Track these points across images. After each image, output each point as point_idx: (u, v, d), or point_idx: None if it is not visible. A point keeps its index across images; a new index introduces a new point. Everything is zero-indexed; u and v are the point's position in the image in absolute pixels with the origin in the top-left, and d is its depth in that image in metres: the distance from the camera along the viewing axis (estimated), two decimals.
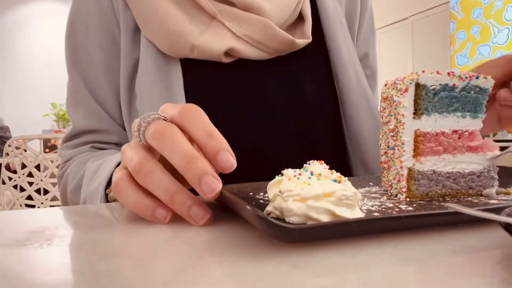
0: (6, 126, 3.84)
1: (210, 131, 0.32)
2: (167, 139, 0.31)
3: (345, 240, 0.25)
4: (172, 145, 0.31)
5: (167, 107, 0.35)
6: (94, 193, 0.46)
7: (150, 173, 0.32)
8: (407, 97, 0.36)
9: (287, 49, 0.57)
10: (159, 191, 0.32)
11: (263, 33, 0.54)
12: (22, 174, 1.99)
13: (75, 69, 0.61)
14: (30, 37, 5.40)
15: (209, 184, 0.29)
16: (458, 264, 0.21)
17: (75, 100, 0.62)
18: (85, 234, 0.29)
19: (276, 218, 0.28)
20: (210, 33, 0.54)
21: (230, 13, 0.55)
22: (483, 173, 0.38)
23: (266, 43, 0.55)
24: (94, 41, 0.59)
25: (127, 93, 0.58)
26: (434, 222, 0.27)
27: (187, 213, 0.31)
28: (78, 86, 0.61)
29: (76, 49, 0.61)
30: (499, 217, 0.21)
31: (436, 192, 0.37)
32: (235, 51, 0.54)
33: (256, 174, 0.55)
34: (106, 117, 0.61)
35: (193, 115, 0.33)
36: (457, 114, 0.38)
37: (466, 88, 0.37)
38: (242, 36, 0.54)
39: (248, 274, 0.21)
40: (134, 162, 0.33)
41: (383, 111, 0.40)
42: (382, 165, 0.40)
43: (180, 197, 0.31)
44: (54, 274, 0.22)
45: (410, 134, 0.36)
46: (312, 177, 0.28)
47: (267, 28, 0.54)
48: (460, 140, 0.38)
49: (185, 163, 0.30)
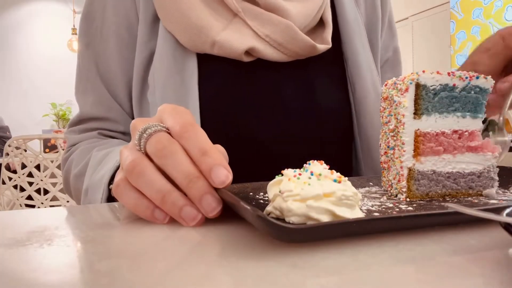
0: (6, 126, 3.84)
1: (204, 150, 0.32)
2: (169, 158, 0.32)
3: (345, 240, 0.25)
4: (174, 164, 0.32)
5: (167, 114, 0.35)
6: (97, 184, 0.47)
7: (142, 175, 0.32)
8: (407, 97, 0.36)
9: (307, 53, 0.56)
10: (151, 192, 0.32)
11: (285, 35, 0.54)
12: (22, 174, 1.99)
13: (88, 52, 0.61)
14: (30, 37, 5.40)
15: (209, 203, 0.31)
16: (458, 264, 0.21)
17: (85, 85, 0.62)
18: (85, 234, 0.30)
19: (276, 218, 0.28)
20: (232, 30, 0.54)
21: (253, 11, 0.54)
22: (483, 173, 0.38)
23: (287, 46, 0.54)
24: (110, 27, 0.59)
25: (140, 83, 0.57)
26: (434, 222, 0.27)
27: (178, 214, 0.31)
28: (89, 72, 0.61)
29: (91, 33, 0.60)
30: (499, 217, 0.21)
31: (436, 192, 0.37)
32: (256, 51, 0.54)
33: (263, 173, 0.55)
34: (115, 106, 0.60)
35: (191, 136, 0.33)
36: (457, 114, 0.37)
37: (466, 88, 0.37)
38: (263, 37, 0.54)
39: (248, 274, 0.21)
40: (127, 163, 0.33)
41: (383, 111, 0.40)
42: (382, 165, 0.40)
43: (171, 198, 0.31)
44: (54, 274, 0.22)
45: (410, 134, 0.36)
46: (312, 177, 0.28)
47: (289, 31, 0.53)
48: (460, 140, 0.38)
49: (186, 182, 0.31)
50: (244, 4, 0.54)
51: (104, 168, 0.47)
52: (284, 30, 0.54)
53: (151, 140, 0.33)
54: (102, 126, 0.62)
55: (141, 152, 0.34)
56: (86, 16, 0.61)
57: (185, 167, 0.31)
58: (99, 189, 0.46)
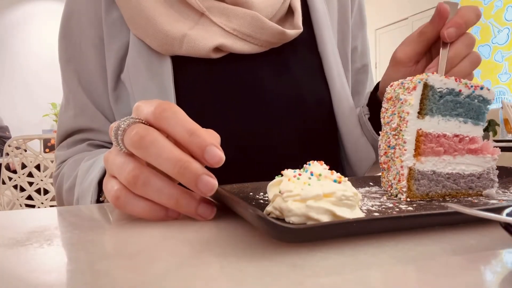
0: (6, 126, 3.84)
1: (191, 130, 0.30)
2: (149, 147, 0.30)
3: (345, 240, 0.25)
4: (157, 152, 0.30)
5: (141, 105, 0.33)
6: (85, 192, 0.47)
7: (147, 184, 0.31)
8: (414, 95, 0.37)
9: (279, 40, 0.56)
10: (163, 199, 0.32)
11: (252, 26, 0.54)
12: (22, 174, 1.99)
13: (69, 67, 0.61)
14: (30, 37, 5.40)
15: (206, 184, 0.30)
16: (458, 264, 0.21)
17: (67, 100, 0.62)
18: (85, 234, 0.29)
19: (276, 218, 0.28)
20: (198, 30, 0.54)
21: (218, 8, 0.55)
22: (482, 175, 0.38)
23: (257, 36, 0.55)
24: (88, 39, 0.59)
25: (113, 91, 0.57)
26: (434, 222, 0.27)
27: (195, 213, 0.32)
28: (72, 84, 0.60)
29: (70, 48, 0.60)
30: (499, 217, 0.21)
31: (436, 192, 0.37)
32: (225, 46, 0.54)
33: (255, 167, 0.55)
34: (98, 115, 0.60)
35: (170, 115, 0.31)
36: (459, 119, 0.38)
37: (471, 96, 0.38)
38: (231, 31, 0.54)
39: (248, 274, 0.21)
40: (125, 175, 0.31)
41: (385, 112, 0.40)
42: (382, 166, 0.40)
43: (185, 200, 0.31)
44: (54, 274, 0.22)
45: (413, 133, 0.37)
46: (312, 177, 0.28)
47: (256, 21, 0.54)
48: (460, 143, 0.38)
49: (177, 169, 0.30)
50: (209, 2, 0.55)
51: (92, 175, 0.47)
52: (251, 22, 0.54)
53: (126, 135, 0.31)
54: (88, 137, 0.61)
55: (128, 154, 0.32)
56: (63, 35, 0.61)
57: (170, 153, 0.30)
58: (87, 196, 0.45)
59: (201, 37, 0.53)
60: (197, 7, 0.54)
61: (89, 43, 0.59)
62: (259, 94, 0.57)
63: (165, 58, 0.55)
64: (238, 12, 0.54)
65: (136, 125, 0.32)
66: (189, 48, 0.53)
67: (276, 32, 0.55)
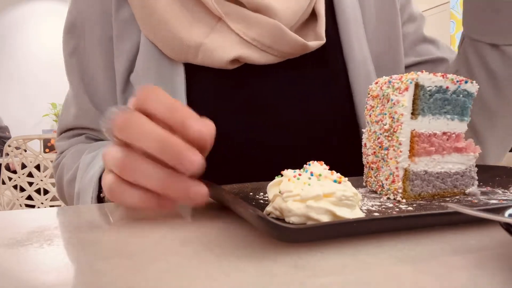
0: (6, 126, 3.84)
1: (171, 105, 0.30)
2: (132, 128, 0.30)
3: (345, 240, 0.25)
4: (140, 132, 0.30)
5: None
6: (86, 186, 0.47)
7: (136, 168, 0.31)
8: (406, 96, 0.36)
9: (299, 52, 0.53)
10: (151, 183, 0.31)
11: (273, 36, 0.50)
12: (22, 174, 1.99)
13: (72, 62, 0.60)
14: (29, 37, 5.40)
15: (189, 160, 0.29)
16: (458, 264, 0.21)
17: (71, 96, 0.62)
18: (85, 234, 0.29)
19: (276, 218, 0.28)
20: (215, 38, 0.51)
21: (237, 14, 0.51)
22: (465, 172, 0.39)
23: (276, 47, 0.51)
24: (93, 36, 0.57)
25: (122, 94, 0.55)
26: (434, 222, 0.27)
27: (186, 196, 0.30)
28: (74, 80, 0.60)
29: (75, 44, 0.59)
30: (499, 217, 0.21)
31: (427, 193, 0.37)
32: (243, 58, 0.51)
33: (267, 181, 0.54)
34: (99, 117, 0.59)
35: (151, 96, 0.32)
36: (447, 116, 0.38)
37: (457, 92, 0.38)
38: (250, 41, 0.51)
39: (248, 274, 0.21)
40: (116, 162, 0.32)
41: (371, 110, 0.40)
42: (370, 165, 0.40)
43: (174, 181, 0.30)
44: (54, 274, 0.22)
45: (407, 134, 0.36)
46: (312, 177, 0.28)
47: (277, 31, 0.50)
48: (448, 142, 0.38)
49: (159, 146, 0.29)
50: (227, 7, 0.51)
51: (93, 170, 0.47)
52: (272, 31, 0.50)
53: (111, 121, 0.31)
54: (88, 133, 0.62)
55: (120, 144, 0.32)
56: (68, 30, 0.60)
57: (152, 131, 0.30)
58: (89, 191, 0.45)
59: (218, 47, 0.50)
60: (214, 11, 0.50)
61: (95, 40, 0.57)
62: (273, 105, 0.54)
63: (178, 64, 0.52)
64: (259, 20, 0.50)
65: (121, 111, 0.32)
66: (205, 58, 0.50)
67: (298, 44, 0.51)
